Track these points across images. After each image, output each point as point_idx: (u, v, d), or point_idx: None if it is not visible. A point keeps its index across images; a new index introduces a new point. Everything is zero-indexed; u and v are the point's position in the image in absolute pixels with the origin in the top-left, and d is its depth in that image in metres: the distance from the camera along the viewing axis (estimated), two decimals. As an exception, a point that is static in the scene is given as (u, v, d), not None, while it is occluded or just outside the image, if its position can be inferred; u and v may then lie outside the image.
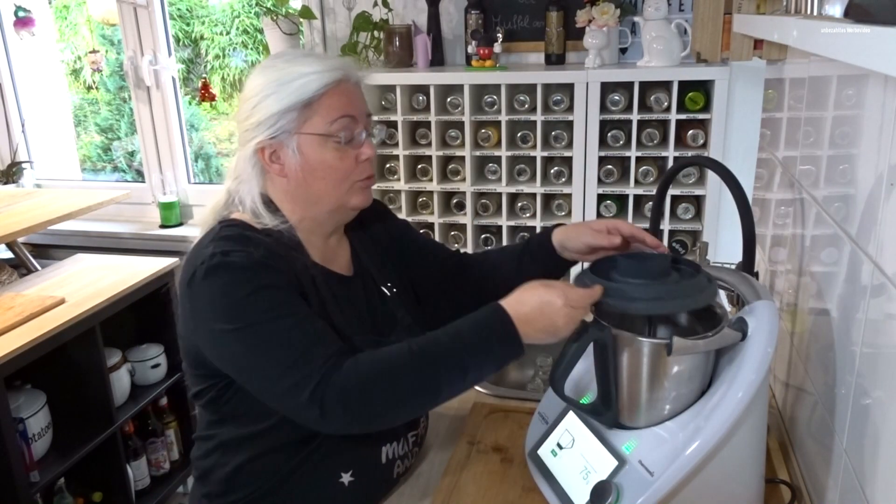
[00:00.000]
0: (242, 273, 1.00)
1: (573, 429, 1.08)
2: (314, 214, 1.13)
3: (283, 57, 1.12)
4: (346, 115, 1.09)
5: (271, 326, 0.98)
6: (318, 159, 1.09)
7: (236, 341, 1.00)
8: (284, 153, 1.09)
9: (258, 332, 0.98)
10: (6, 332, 1.92)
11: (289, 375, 0.96)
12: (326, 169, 1.09)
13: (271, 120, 1.07)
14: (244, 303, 0.99)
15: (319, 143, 1.08)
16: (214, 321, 1.01)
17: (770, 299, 1.00)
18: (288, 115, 1.07)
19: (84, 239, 3.08)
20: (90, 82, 4.19)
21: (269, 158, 1.10)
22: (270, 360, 0.98)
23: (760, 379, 0.92)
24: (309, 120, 1.07)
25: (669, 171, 1.36)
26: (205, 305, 1.02)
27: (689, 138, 2.17)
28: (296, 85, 1.06)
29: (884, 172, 0.80)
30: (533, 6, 2.40)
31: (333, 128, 1.08)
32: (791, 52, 1.40)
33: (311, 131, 1.08)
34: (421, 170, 2.41)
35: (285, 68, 1.08)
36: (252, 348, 0.99)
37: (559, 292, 0.96)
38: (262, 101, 1.08)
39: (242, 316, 0.99)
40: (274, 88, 1.07)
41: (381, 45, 2.48)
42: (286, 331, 0.98)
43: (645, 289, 0.95)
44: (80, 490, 2.23)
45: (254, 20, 4.22)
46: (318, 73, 1.07)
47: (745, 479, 1.04)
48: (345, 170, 1.10)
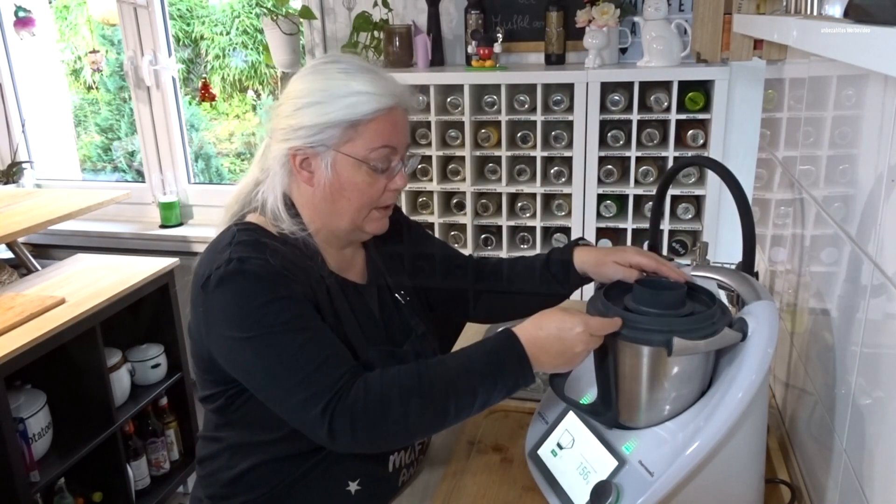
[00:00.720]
0: (258, 282, 0.99)
1: (573, 429, 1.08)
2: (331, 228, 1.12)
3: (339, 64, 1.08)
4: (389, 145, 1.07)
5: (285, 338, 0.98)
6: (349, 180, 1.07)
7: (249, 350, 0.99)
8: (317, 164, 1.07)
9: (272, 343, 0.98)
10: (6, 332, 1.92)
11: (300, 390, 0.96)
12: (354, 191, 1.07)
13: (312, 129, 1.04)
14: (259, 312, 0.98)
15: (355, 165, 1.06)
16: (228, 328, 1.00)
17: (770, 299, 1.00)
18: (331, 130, 1.04)
19: (84, 239, 3.08)
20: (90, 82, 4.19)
21: (299, 164, 1.08)
22: (283, 372, 0.97)
23: (760, 379, 0.92)
24: (351, 141, 1.05)
25: (669, 171, 1.36)
26: (219, 312, 1.01)
27: (689, 138, 2.17)
28: (347, 102, 1.03)
29: (884, 172, 0.80)
30: (533, 6, 2.40)
31: (373, 155, 1.06)
32: (791, 52, 1.40)
33: (350, 153, 1.05)
34: (421, 170, 2.41)
35: (340, 79, 1.05)
36: (265, 359, 0.98)
37: (580, 319, 0.96)
38: (307, 106, 1.05)
39: (256, 325, 0.98)
40: (323, 98, 1.04)
41: (381, 45, 2.48)
42: (300, 344, 0.98)
43: (659, 320, 0.95)
44: (80, 490, 2.23)
45: (254, 20, 4.22)
46: (372, 96, 1.04)
47: (745, 479, 1.04)
48: (371, 195, 1.09)
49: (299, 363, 0.97)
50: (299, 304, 1.01)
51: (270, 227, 1.09)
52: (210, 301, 1.01)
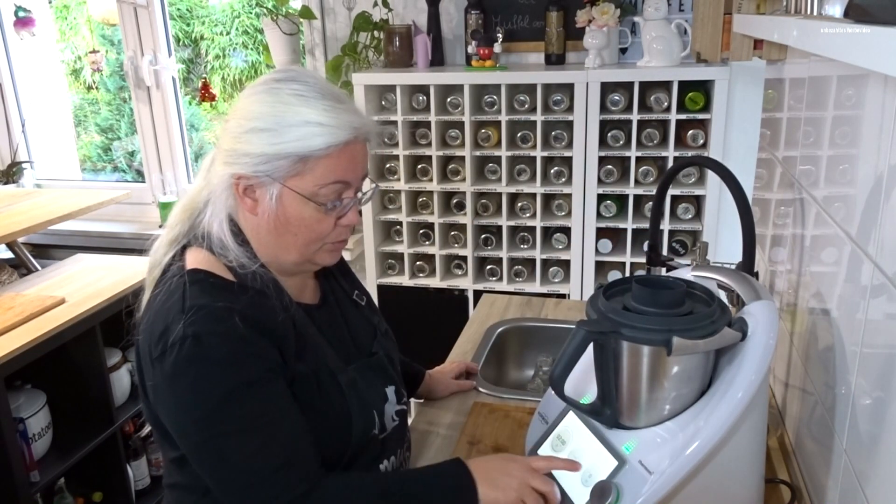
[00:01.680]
0: (216, 368, 0.92)
1: (573, 429, 1.08)
2: (280, 261, 1.04)
3: (294, 84, 0.98)
4: (341, 181, 0.98)
5: (241, 440, 0.93)
6: (295, 215, 0.99)
7: (202, 447, 0.94)
8: (262, 194, 0.98)
9: (224, 445, 0.93)
10: (6, 332, 1.92)
11: (250, 495, 0.93)
12: (301, 226, 1.00)
13: (259, 159, 0.96)
14: (215, 409, 0.92)
15: (302, 200, 0.98)
16: (180, 418, 0.95)
17: (770, 299, 1.00)
18: (278, 161, 0.95)
19: (84, 239, 3.08)
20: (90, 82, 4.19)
21: (243, 191, 0.99)
22: (237, 476, 0.93)
23: (760, 379, 0.92)
24: (299, 175, 0.96)
25: (669, 171, 1.36)
26: (171, 399, 0.95)
27: (689, 138, 2.17)
28: (298, 133, 0.95)
29: (884, 172, 0.80)
30: (533, 6, 2.40)
31: (322, 192, 0.97)
32: (791, 52, 1.40)
33: (296, 188, 0.97)
34: (421, 170, 2.41)
35: (293, 105, 0.96)
36: (217, 459, 0.94)
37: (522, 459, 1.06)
38: (254, 131, 0.96)
39: (211, 425, 0.92)
40: (272, 125, 0.95)
41: (381, 45, 2.48)
42: (256, 448, 0.93)
43: (659, 320, 0.94)
44: (80, 490, 2.23)
45: (254, 20, 4.22)
46: (327, 129, 0.95)
47: (745, 479, 1.04)
48: (320, 232, 1.01)
49: (254, 468, 0.92)
50: (262, 390, 0.94)
51: (219, 269, 1.00)
52: (162, 379, 0.95)
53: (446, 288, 2.48)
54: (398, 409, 1.15)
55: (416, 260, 2.53)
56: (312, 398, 1.02)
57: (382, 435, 1.11)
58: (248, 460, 0.93)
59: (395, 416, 1.15)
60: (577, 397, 1.08)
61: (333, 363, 1.06)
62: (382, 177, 2.47)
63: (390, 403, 1.14)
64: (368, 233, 2.47)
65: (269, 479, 0.93)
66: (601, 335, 0.97)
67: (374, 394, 1.11)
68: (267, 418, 0.94)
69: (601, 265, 2.38)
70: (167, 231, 1.08)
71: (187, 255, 1.03)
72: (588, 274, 2.34)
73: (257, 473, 0.93)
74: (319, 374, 1.04)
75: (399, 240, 2.51)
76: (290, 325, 1.01)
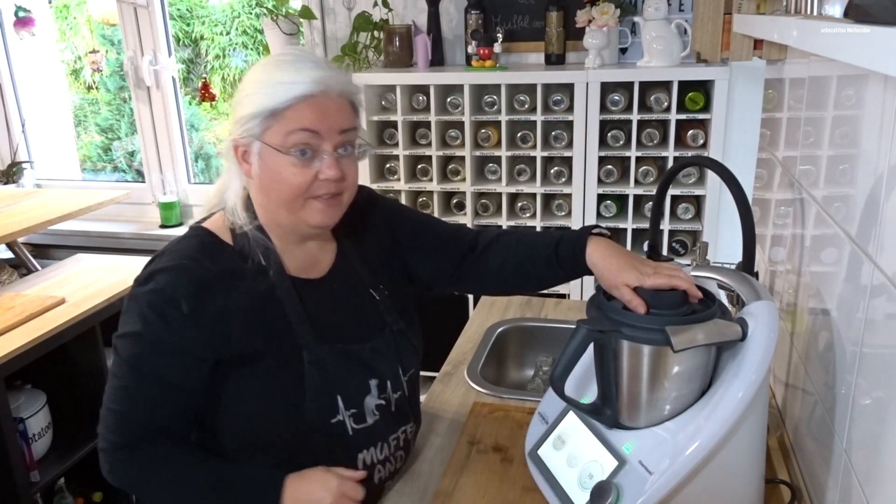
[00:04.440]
0: (143, 311, 1.04)
1: (573, 429, 1.08)
2: (277, 221, 1.11)
3: (279, 57, 1.09)
4: (305, 128, 1.03)
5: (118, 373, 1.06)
6: (275, 170, 1.05)
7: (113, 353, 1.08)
8: (252, 156, 1.07)
9: (123, 366, 1.05)
10: (6, 332, 1.92)
11: (107, 417, 1.07)
12: (281, 182, 1.05)
13: (242, 121, 1.05)
14: (120, 338, 1.06)
15: (277, 154, 1.04)
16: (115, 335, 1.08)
17: (770, 299, 1.00)
18: (255, 120, 1.04)
19: (84, 239, 3.08)
20: (90, 82, 4.19)
21: (241, 156, 1.09)
22: (109, 393, 1.07)
23: (760, 379, 0.92)
24: (270, 129, 1.04)
25: (669, 171, 1.36)
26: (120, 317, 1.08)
27: (689, 138, 2.17)
28: (268, 91, 1.04)
29: (884, 172, 0.80)
30: (533, 6, 2.40)
31: (289, 140, 1.03)
32: (791, 52, 1.40)
33: (270, 141, 1.04)
34: (421, 170, 2.41)
35: (270, 71, 1.06)
36: (112, 373, 1.08)
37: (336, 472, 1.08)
38: (243, 98, 1.06)
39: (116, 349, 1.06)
40: (253, 89, 1.05)
41: (381, 45, 2.48)
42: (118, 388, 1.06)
43: (659, 320, 0.94)
44: (80, 490, 2.23)
45: (254, 20, 4.22)
46: (292, 85, 1.03)
47: (745, 479, 1.04)
48: (299, 185, 1.05)
49: (117, 396, 1.06)
50: (156, 346, 1.04)
51: (223, 232, 1.10)
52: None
53: (446, 288, 2.48)
54: (378, 404, 1.15)
55: (416, 260, 2.52)
56: (265, 370, 1.07)
57: (361, 425, 1.12)
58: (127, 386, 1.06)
59: (376, 410, 1.14)
60: (577, 397, 1.08)
61: (305, 339, 1.08)
62: (382, 177, 2.47)
63: (371, 396, 1.14)
64: (368, 233, 2.47)
65: (108, 418, 1.06)
66: (602, 334, 0.97)
67: (346, 380, 1.11)
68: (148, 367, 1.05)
69: (601, 265, 2.38)
70: (203, 208, 1.18)
71: (210, 218, 1.14)
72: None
73: (119, 403, 1.06)
74: (282, 348, 1.07)
75: (399, 240, 2.51)
76: (271, 295, 1.08)
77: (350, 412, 1.11)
